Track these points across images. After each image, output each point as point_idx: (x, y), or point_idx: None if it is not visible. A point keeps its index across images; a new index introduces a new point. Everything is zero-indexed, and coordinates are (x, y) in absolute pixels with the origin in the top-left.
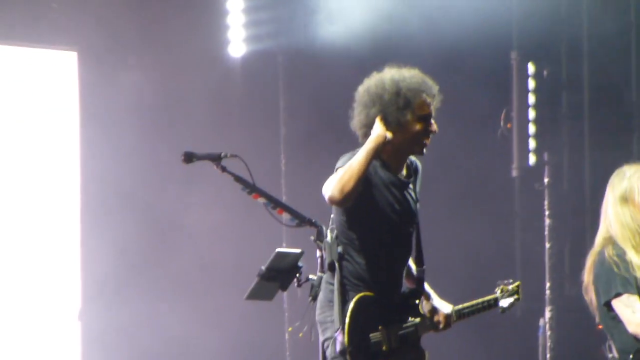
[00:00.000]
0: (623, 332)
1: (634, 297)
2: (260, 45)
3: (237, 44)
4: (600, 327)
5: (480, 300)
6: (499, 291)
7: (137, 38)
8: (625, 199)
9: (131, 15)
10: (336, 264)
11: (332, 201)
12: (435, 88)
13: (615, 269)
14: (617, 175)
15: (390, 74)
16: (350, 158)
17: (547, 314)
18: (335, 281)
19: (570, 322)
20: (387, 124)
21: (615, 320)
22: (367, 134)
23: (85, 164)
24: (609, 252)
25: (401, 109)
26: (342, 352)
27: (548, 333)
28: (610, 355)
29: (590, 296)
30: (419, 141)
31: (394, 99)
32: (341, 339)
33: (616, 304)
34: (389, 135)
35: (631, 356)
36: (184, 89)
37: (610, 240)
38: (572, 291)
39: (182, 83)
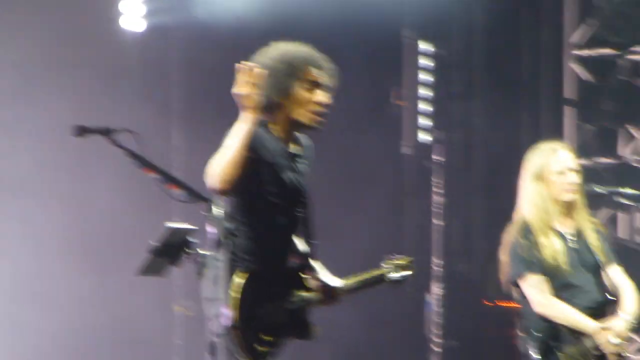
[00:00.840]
0: (531, 311)
1: (539, 278)
2: (155, 20)
3: (132, 17)
4: (487, 302)
5: (368, 274)
6: (387, 265)
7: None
8: (539, 177)
9: None
10: (224, 240)
11: (216, 192)
12: (326, 62)
13: (520, 250)
14: (531, 153)
15: (278, 47)
16: None
17: (436, 291)
18: (223, 256)
19: (457, 299)
20: (275, 94)
21: (524, 299)
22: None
23: None
24: (518, 231)
25: (285, 75)
26: (229, 327)
27: (435, 309)
28: (520, 333)
29: (506, 274)
30: (308, 111)
31: (277, 65)
32: (228, 313)
33: (522, 284)
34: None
35: (536, 334)
36: (76, 62)
37: (521, 220)
38: (460, 268)
39: (74, 56)
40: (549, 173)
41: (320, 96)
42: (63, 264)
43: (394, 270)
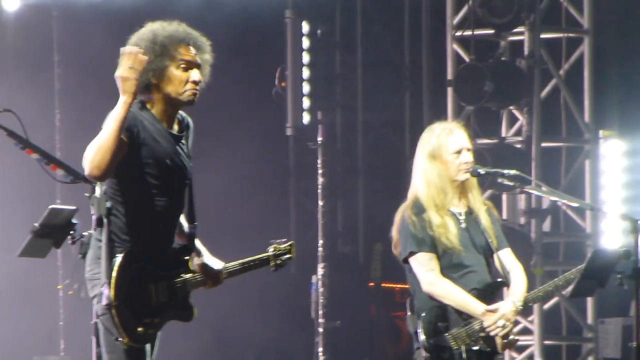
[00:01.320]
0: (420, 290)
1: (428, 256)
2: None
3: None
4: (372, 284)
5: (252, 258)
6: (271, 249)
7: None
8: (434, 156)
9: None
10: (104, 219)
11: (93, 178)
12: (200, 40)
13: (412, 228)
14: (426, 132)
15: (151, 28)
16: None
17: (320, 271)
18: (103, 236)
19: (342, 279)
20: (147, 73)
21: (414, 277)
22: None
23: None
24: (408, 210)
25: (159, 56)
26: (109, 307)
27: (321, 289)
28: (409, 313)
29: (398, 251)
30: (182, 89)
31: (150, 47)
32: (107, 293)
33: (412, 262)
34: (129, 95)
35: (424, 314)
36: None
37: (414, 198)
38: (345, 248)
39: None
40: (446, 153)
41: (194, 74)
42: None
43: (278, 254)
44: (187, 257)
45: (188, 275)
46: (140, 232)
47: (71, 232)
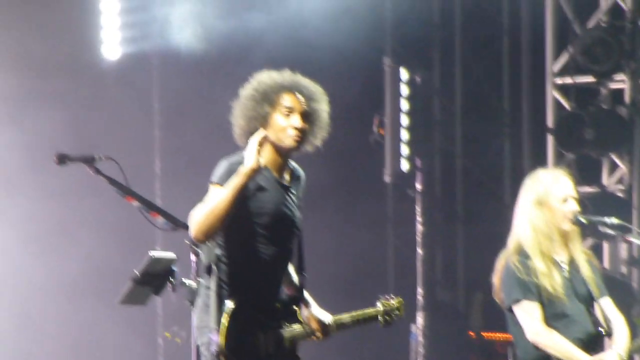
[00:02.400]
0: (524, 338)
1: (534, 304)
2: (135, 48)
3: (111, 45)
4: (472, 333)
5: (360, 312)
6: (380, 305)
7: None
8: (540, 203)
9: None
10: (213, 267)
11: (197, 241)
12: (310, 88)
13: (518, 275)
14: (531, 179)
15: (257, 76)
16: (227, 169)
17: (419, 320)
18: (212, 284)
19: (441, 328)
20: (252, 121)
21: (518, 326)
22: (239, 136)
23: None
24: (514, 257)
25: (260, 103)
26: (217, 354)
27: (420, 339)
28: None
29: (500, 298)
30: (284, 135)
31: (253, 95)
32: (216, 340)
33: (516, 310)
34: (258, 163)
35: None
36: (56, 91)
37: (518, 245)
38: (444, 297)
39: (54, 85)
40: (553, 200)
41: (296, 120)
42: (47, 293)
43: (386, 309)
44: (296, 308)
45: (297, 327)
46: (249, 280)
47: (171, 279)
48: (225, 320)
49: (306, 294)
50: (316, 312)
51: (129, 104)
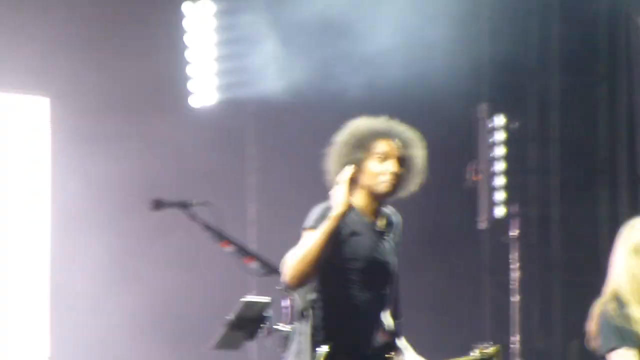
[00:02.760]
0: None
1: (631, 352)
2: (230, 94)
3: (205, 92)
4: None
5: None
6: (477, 353)
7: (104, 87)
8: (637, 251)
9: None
10: (307, 312)
11: (290, 288)
12: (406, 134)
13: (615, 322)
14: (628, 227)
15: (352, 122)
16: (320, 214)
17: None
18: (306, 329)
19: None
20: (344, 166)
21: None
22: (332, 183)
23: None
24: (610, 304)
25: (354, 148)
26: None
27: None
28: None
29: (596, 345)
30: (377, 180)
31: (348, 140)
32: None
33: (613, 357)
34: (348, 202)
35: None
36: (152, 137)
37: (615, 293)
38: (540, 345)
39: (149, 131)
40: None
41: (390, 166)
42: (140, 341)
43: (483, 357)
44: (389, 355)
45: None
46: (343, 325)
47: (265, 324)
48: None
49: (403, 341)
50: (412, 358)
51: (224, 149)
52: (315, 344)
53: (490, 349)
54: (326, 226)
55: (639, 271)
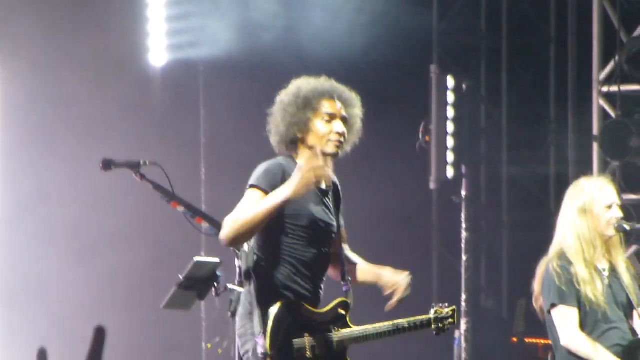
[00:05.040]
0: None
1: (571, 310)
2: (181, 54)
3: (158, 52)
4: (515, 339)
5: (414, 318)
6: (433, 312)
7: (54, 48)
8: (585, 211)
9: (47, 24)
10: (254, 272)
11: (224, 244)
12: (347, 94)
13: (557, 280)
14: (575, 188)
15: (296, 83)
16: (265, 172)
17: (463, 326)
18: (253, 289)
19: (484, 334)
20: (293, 127)
21: (556, 332)
22: (278, 143)
23: (5, 170)
24: (555, 262)
25: (301, 109)
26: (264, 357)
27: (463, 345)
28: None
29: (540, 305)
30: (326, 141)
31: (294, 101)
32: (262, 343)
33: (553, 314)
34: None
35: None
36: (102, 96)
37: (560, 251)
38: (488, 303)
39: (101, 90)
40: (597, 207)
41: (337, 126)
42: (89, 300)
43: (439, 317)
44: (344, 312)
45: (346, 331)
46: (290, 283)
47: (215, 284)
48: (271, 322)
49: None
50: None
51: (175, 110)
52: (264, 303)
53: (447, 310)
54: (274, 202)
55: (585, 231)
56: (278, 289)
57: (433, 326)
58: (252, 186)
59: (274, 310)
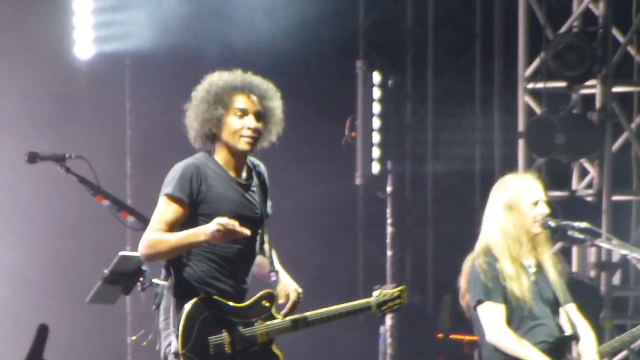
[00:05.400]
0: (487, 340)
1: (497, 306)
2: (107, 47)
3: (84, 45)
4: (440, 335)
5: (353, 303)
6: (375, 294)
7: None
8: (510, 207)
9: None
10: (171, 269)
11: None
12: (263, 87)
13: (482, 277)
14: (501, 184)
15: (209, 77)
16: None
17: (388, 322)
18: (171, 285)
19: (410, 330)
20: (206, 123)
21: (482, 328)
22: (194, 139)
23: None
24: (480, 259)
25: (213, 105)
26: (176, 355)
27: (389, 340)
28: None
29: (467, 302)
30: (238, 136)
31: (205, 97)
32: (175, 342)
33: (479, 310)
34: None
35: None
36: (28, 89)
37: (486, 248)
38: (413, 299)
39: (26, 83)
40: (523, 204)
41: (248, 121)
42: (12, 291)
43: (384, 299)
44: (269, 304)
45: (271, 322)
46: (212, 279)
47: (140, 279)
48: (182, 320)
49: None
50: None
51: (100, 103)
52: (184, 299)
53: (394, 290)
54: (192, 240)
55: (511, 228)
56: (197, 285)
57: (374, 309)
58: (166, 195)
59: (187, 307)
